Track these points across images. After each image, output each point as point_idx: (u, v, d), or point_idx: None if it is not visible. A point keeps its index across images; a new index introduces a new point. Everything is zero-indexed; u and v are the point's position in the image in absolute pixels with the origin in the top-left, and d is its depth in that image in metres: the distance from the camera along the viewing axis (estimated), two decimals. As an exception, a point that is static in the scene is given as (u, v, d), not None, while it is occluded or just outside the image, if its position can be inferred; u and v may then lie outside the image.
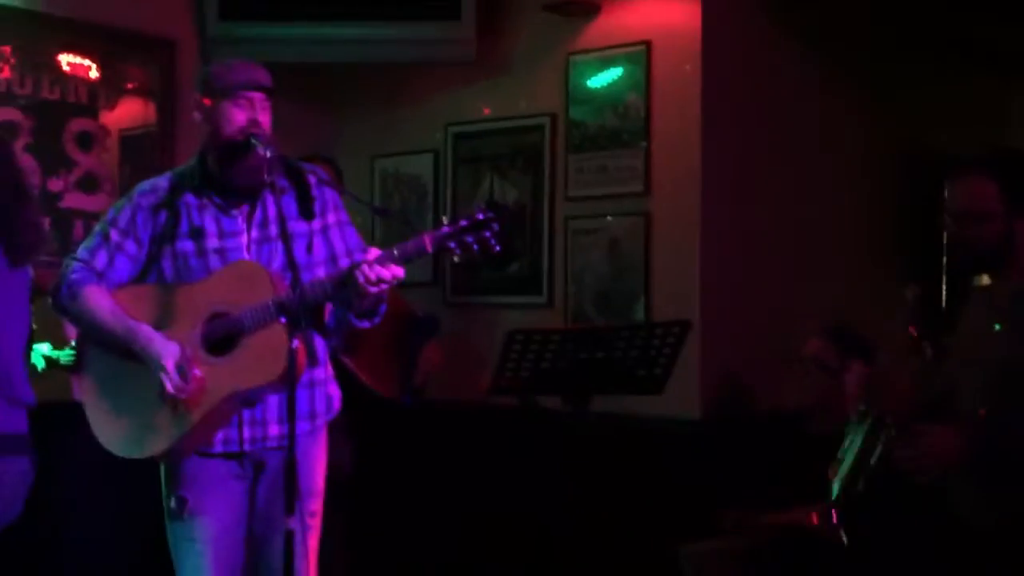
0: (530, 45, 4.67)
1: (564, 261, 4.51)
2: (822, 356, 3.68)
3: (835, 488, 3.38)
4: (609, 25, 4.44)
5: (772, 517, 3.60)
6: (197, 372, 2.81)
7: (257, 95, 2.92)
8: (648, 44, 4.32)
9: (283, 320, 2.78)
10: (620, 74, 4.39)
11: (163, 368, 2.79)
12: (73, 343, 3.17)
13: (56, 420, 3.00)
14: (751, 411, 4.27)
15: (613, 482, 3.98)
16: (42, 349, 3.35)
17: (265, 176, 2.80)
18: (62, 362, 3.35)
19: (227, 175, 2.94)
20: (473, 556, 4.43)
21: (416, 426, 4.51)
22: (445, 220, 2.89)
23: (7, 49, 4.21)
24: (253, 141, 2.84)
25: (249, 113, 2.90)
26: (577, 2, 4.43)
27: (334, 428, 3.41)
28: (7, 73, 4.21)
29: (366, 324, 3.08)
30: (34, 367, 3.26)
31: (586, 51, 4.48)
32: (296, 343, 2.61)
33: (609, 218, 4.39)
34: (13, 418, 2.78)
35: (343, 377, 3.51)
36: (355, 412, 4.00)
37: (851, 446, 3.38)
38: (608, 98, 4.40)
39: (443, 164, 4.90)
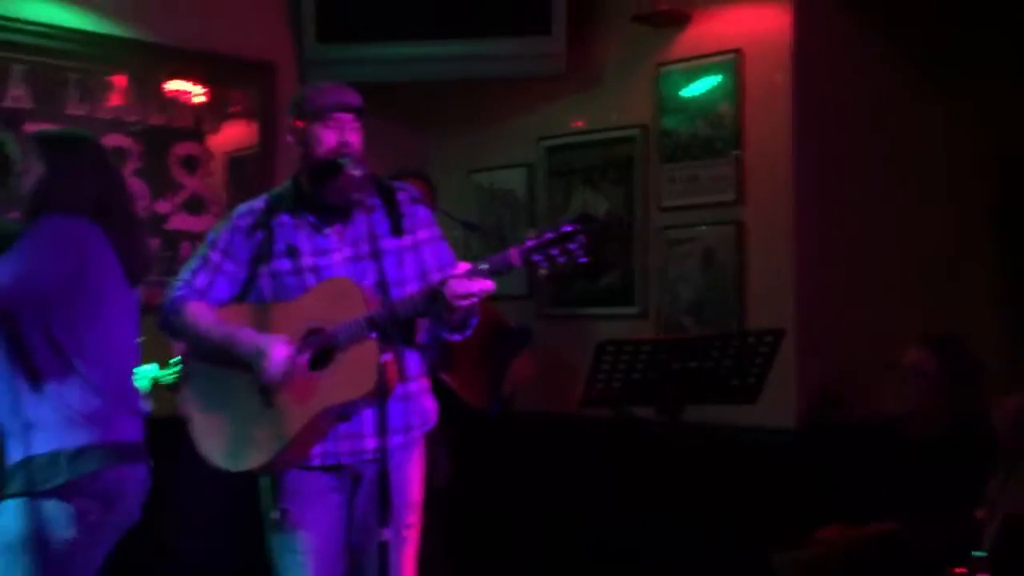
0: (620, 57, 4.67)
1: (657, 272, 4.49)
2: (922, 365, 3.60)
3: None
4: (699, 34, 4.42)
5: (871, 528, 3.54)
6: (300, 360, 2.86)
7: (347, 116, 2.98)
8: (739, 52, 4.28)
9: (374, 335, 2.84)
10: (711, 83, 4.36)
11: (266, 353, 2.84)
12: (178, 359, 3.28)
13: (166, 434, 3.09)
14: (847, 419, 4.19)
15: (707, 492, 3.94)
16: (148, 370, 3.46)
17: (354, 195, 2.85)
18: (167, 382, 3.45)
19: (319, 195, 3.01)
20: (569, 565, 4.43)
21: (513, 438, 4.54)
22: (532, 234, 2.92)
23: (122, 79, 4.36)
24: (342, 161, 2.90)
25: (339, 134, 2.96)
26: (667, 13, 4.41)
27: (431, 440, 3.46)
28: (119, 101, 4.36)
29: (457, 337, 3.11)
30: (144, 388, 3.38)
31: (676, 61, 4.47)
32: (387, 357, 2.65)
33: (702, 228, 4.36)
34: (132, 427, 2.89)
35: (439, 390, 3.55)
36: (452, 425, 4.06)
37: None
38: (699, 107, 4.38)
39: (536, 177, 4.93)
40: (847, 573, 3.49)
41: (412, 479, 3.11)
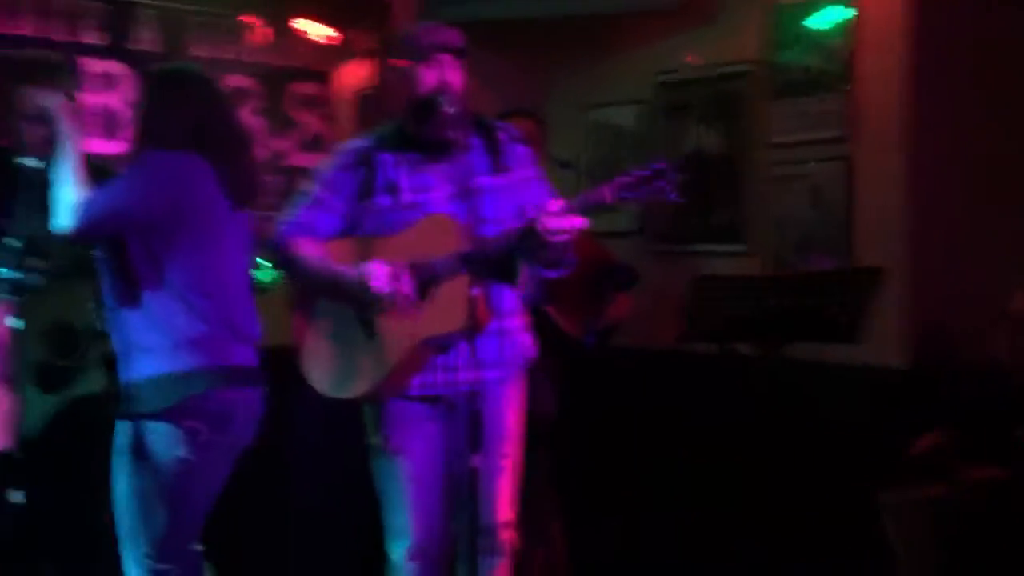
0: (735, -9, 4.60)
1: (766, 209, 4.44)
2: None
3: None
4: (815, -31, 4.32)
5: (976, 471, 3.48)
6: (407, 277, 2.92)
7: (446, 56, 3.01)
8: (854, -14, 4.18)
9: (464, 272, 2.91)
10: (825, 19, 4.25)
11: (371, 278, 2.91)
12: (262, 263, 3.41)
13: (285, 363, 3.21)
14: (956, 361, 4.09)
15: (811, 429, 3.92)
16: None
17: (451, 133, 2.90)
18: (264, 280, 3.53)
19: (419, 133, 3.07)
20: (669, 496, 4.46)
21: (622, 372, 4.58)
22: (628, 171, 2.93)
23: (242, 21, 4.49)
24: (438, 100, 2.95)
25: (439, 74, 3.01)
26: (783, -53, 4.33)
27: (537, 374, 3.52)
28: (239, 42, 4.48)
29: (553, 274, 3.14)
30: (262, 283, 3.50)
31: (792, -4, 4.37)
32: (476, 293, 2.70)
33: (811, 164, 4.29)
34: (241, 352, 2.99)
35: (544, 325, 3.61)
36: (558, 358, 4.12)
37: None
38: (811, 44, 4.29)
39: (650, 114, 4.90)
40: (950, 513, 3.45)
41: (508, 411, 3.17)
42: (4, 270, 2.75)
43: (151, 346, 2.90)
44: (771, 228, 4.42)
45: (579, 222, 2.86)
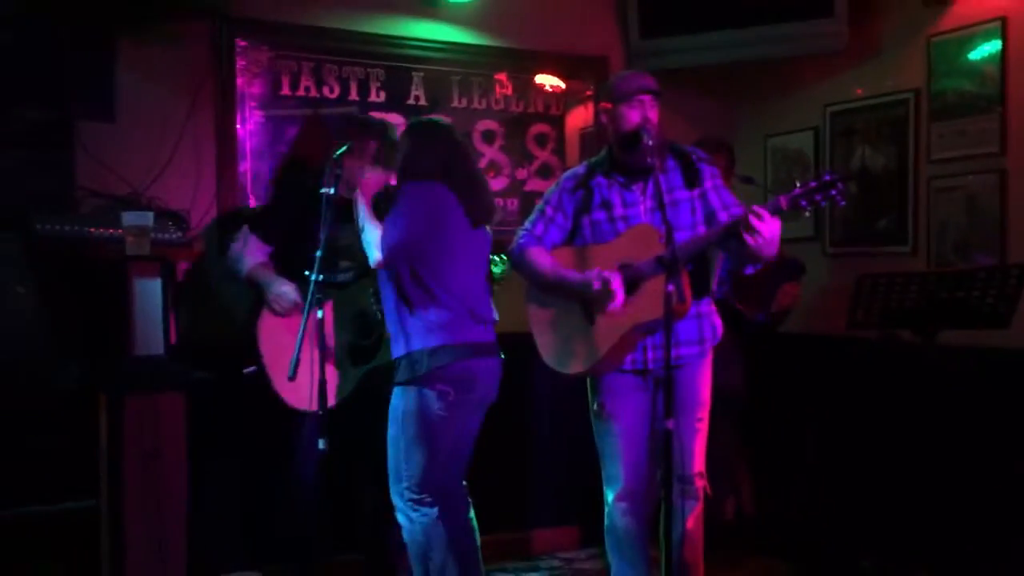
0: (895, 31, 4.35)
1: (927, 215, 4.20)
2: None
3: None
4: (967, 6, 4.04)
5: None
6: (616, 281, 2.97)
7: (646, 97, 3.04)
8: (1003, 20, 3.88)
9: (660, 271, 2.91)
10: (977, 49, 3.98)
11: (590, 284, 2.98)
12: (496, 260, 3.50)
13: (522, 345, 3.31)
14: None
15: (965, 410, 3.68)
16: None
17: (650, 159, 2.91)
18: (496, 274, 3.62)
19: (626, 160, 3.10)
20: (841, 458, 4.28)
21: (795, 353, 4.45)
22: (798, 183, 2.86)
23: (489, 78, 4.63)
24: (642, 134, 2.96)
25: (640, 112, 3.03)
26: (937, -10, 4.08)
27: (728, 354, 3.48)
28: (488, 95, 4.59)
29: (750, 269, 3.10)
30: (496, 274, 3.60)
31: (946, 32, 4.11)
32: (670, 288, 2.70)
33: (968, 176, 4.02)
34: (481, 331, 3.15)
35: (726, 309, 3.56)
36: (743, 339, 4.04)
37: None
38: (966, 71, 4.01)
39: (822, 139, 4.72)
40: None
41: (703, 382, 3.17)
42: (318, 275, 2.94)
43: (411, 330, 3.05)
44: (932, 232, 4.17)
45: (776, 224, 2.81)
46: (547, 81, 4.76)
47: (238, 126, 4.07)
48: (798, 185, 2.83)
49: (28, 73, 3.56)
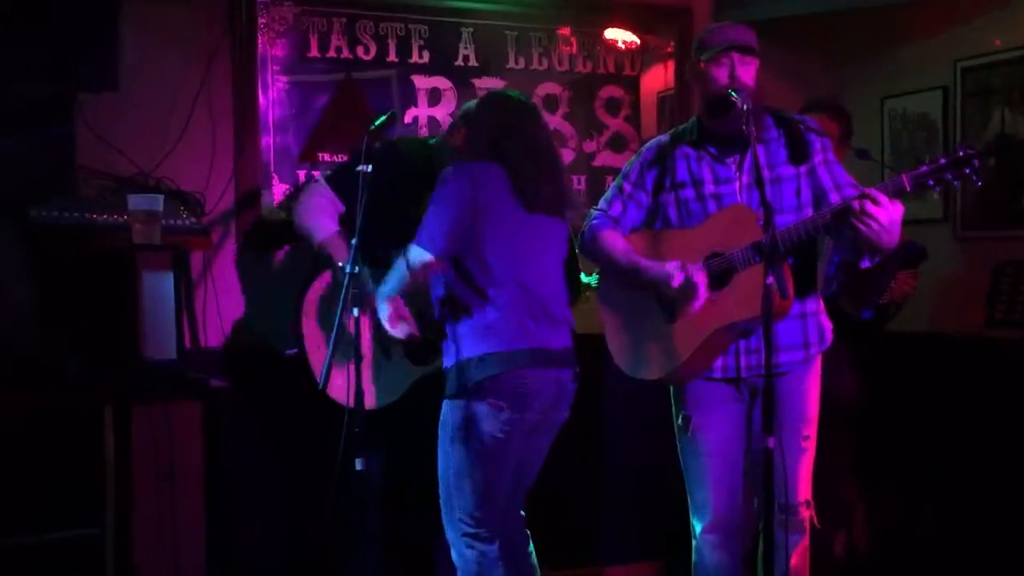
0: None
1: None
2: None
3: None
4: None
5: None
6: (702, 280, 2.96)
7: (735, 54, 3.00)
8: None
9: (758, 260, 2.88)
10: None
11: (670, 283, 2.98)
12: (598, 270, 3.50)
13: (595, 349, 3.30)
14: None
15: None
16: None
17: (745, 127, 2.88)
18: (592, 284, 3.63)
19: (716, 128, 3.08)
20: (974, 483, 4.21)
21: (921, 357, 4.37)
22: (926, 159, 2.81)
23: (552, 33, 4.61)
24: (732, 96, 2.93)
25: (728, 70, 2.99)
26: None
27: (838, 359, 3.43)
28: (550, 54, 4.59)
29: (866, 263, 3.05)
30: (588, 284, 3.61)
31: (1105, -31, 4.02)
32: (770, 280, 2.66)
33: None
34: (545, 335, 3.12)
35: (839, 312, 3.50)
36: (858, 343, 3.97)
37: None
38: None
39: (952, 100, 4.64)
40: None
41: (810, 394, 3.12)
42: (354, 268, 2.95)
43: (461, 334, 3.07)
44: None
45: (898, 209, 2.77)
46: (619, 36, 4.74)
47: (259, 94, 4.11)
48: (925, 161, 2.78)
49: (19, 38, 3.62)
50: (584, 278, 3.68)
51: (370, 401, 3.29)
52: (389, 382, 3.42)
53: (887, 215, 2.77)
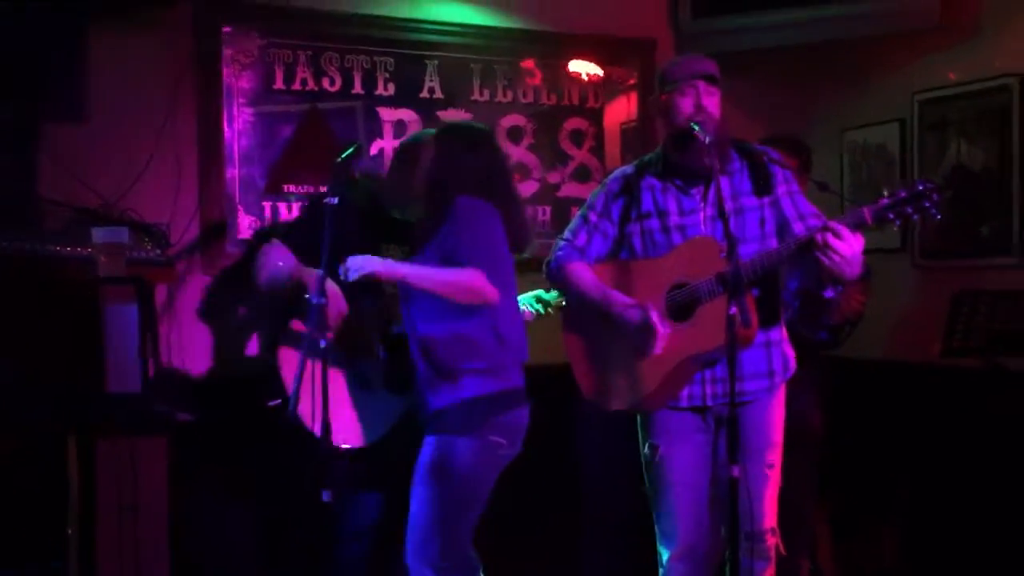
0: (995, 5, 4.36)
1: (1036, 221, 4.19)
2: None
3: None
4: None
5: None
6: (662, 330, 2.99)
7: (700, 83, 3.04)
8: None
9: (721, 290, 2.92)
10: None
11: (630, 327, 3.01)
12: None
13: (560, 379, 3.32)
14: None
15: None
16: (532, 293, 3.65)
17: (707, 159, 2.92)
18: (552, 300, 3.65)
19: (680, 159, 3.12)
20: (935, 508, 4.26)
21: (880, 384, 4.44)
22: (885, 192, 2.87)
23: (516, 66, 4.66)
24: (695, 128, 2.98)
25: (694, 101, 3.04)
26: (1044, -44, 4.09)
27: (799, 386, 3.47)
28: (514, 86, 4.64)
29: (830, 293, 3.10)
30: (536, 311, 3.63)
31: (1056, 5, 4.13)
32: (732, 311, 2.70)
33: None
34: (522, 374, 3.15)
35: (799, 338, 3.54)
36: (820, 371, 4.02)
37: None
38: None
39: (909, 132, 4.73)
40: None
41: (774, 421, 3.16)
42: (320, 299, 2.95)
43: (467, 372, 3.05)
44: (1042, 241, 4.16)
45: (859, 241, 2.82)
46: (583, 69, 4.80)
47: (224, 126, 4.13)
48: (885, 194, 2.84)
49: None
50: (544, 295, 3.69)
51: (356, 439, 3.28)
52: (374, 417, 3.41)
53: (849, 247, 2.82)
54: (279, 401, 3.39)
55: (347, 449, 3.25)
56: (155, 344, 3.76)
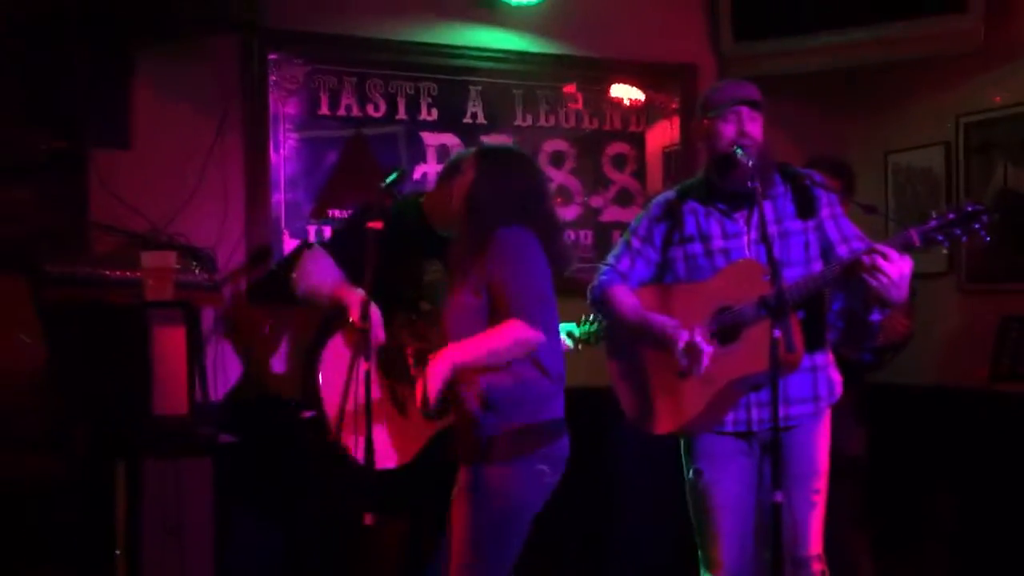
0: (1041, 27, 4.36)
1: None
2: None
3: None
4: None
5: None
6: (707, 348, 2.97)
7: (743, 108, 3.05)
8: None
9: (764, 313, 2.91)
10: None
11: (675, 347, 3.00)
12: (590, 317, 3.50)
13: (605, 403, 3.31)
14: None
15: None
16: (565, 327, 3.62)
17: (750, 183, 2.92)
18: (582, 336, 3.65)
19: (724, 184, 3.12)
20: (981, 536, 4.20)
21: (926, 409, 4.39)
22: (934, 214, 2.85)
23: (560, 91, 4.69)
24: (738, 152, 2.98)
25: (736, 126, 3.04)
26: (1091, -22, 4.06)
27: (843, 412, 3.44)
28: (557, 111, 4.67)
29: (876, 316, 3.07)
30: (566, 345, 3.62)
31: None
32: (776, 334, 2.67)
33: None
34: (563, 403, 3.08)
35: (846, 363, 3.51)
36: (862, 395, 3.98)
37: None
38: None
39: (954, 155, 4.69)
40: None
41: (819, 447, 3.13)
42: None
43: (510, 400, 3.02)
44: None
45: (907, 264, 2.80)
46: (625, 94, 4.82)
47: (271, 151, 4.19)
48: (934, 216, 2.82)
49: (34, 93, 3.69)
50: (574, 330, 3.68)
51: (390, 461, 3.28)
52: (404, 441, 3.40)
53: (897, 270, 2.80)
54: (314, 412, 3.39)
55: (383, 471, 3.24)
56: (202, 367, 3.80)
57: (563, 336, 3.63)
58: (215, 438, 3.48)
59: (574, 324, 3.66)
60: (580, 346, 3.66)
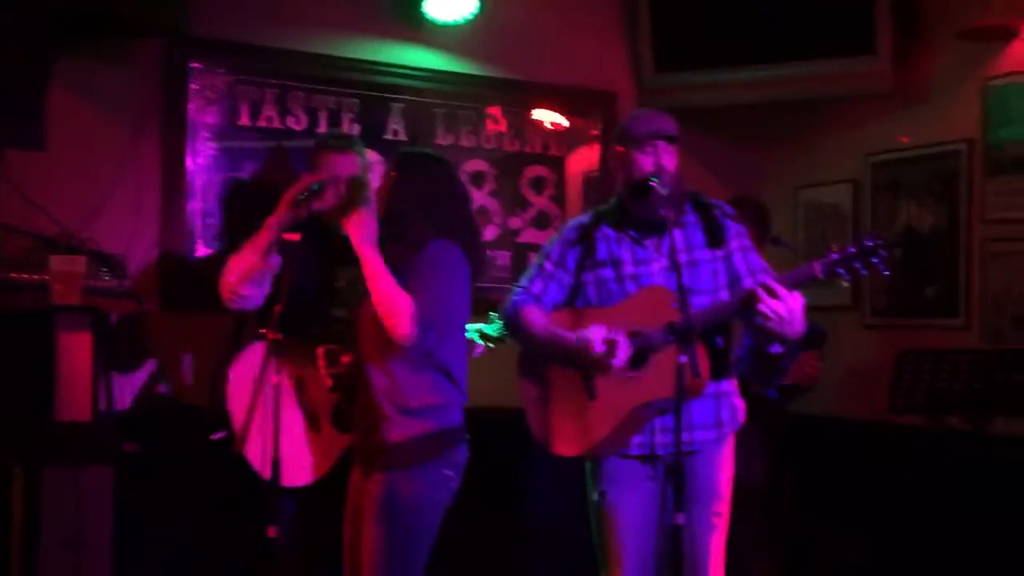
0: (946, 73, 4.49)
1: (980, 284, 4.28)
2: None
3: None
4: (1028, 47, 4.19)
5: None
6: (623, 341, 2.99)
7: (660, 143, 3.10)
8: (1071, 63, 4.03)
9: (671, 339, 2.96)
10: (1041, 96, 4.11)
11: (590, 342, 2.98)
12: (496, 314, 3.50)
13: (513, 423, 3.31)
14: None
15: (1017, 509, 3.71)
16: (474, 327, 3.63)
17: (663, 211, 2.97)
18: (491, 333, 3.66)
19: (637, 211, 3.16)
20: (882, 564, 4.30)
21: (828, 439, 4.48)
22: (834, 248, 2.93)
23: (480, 112, 4.72)
24: (652, 183, 3.03)
25: (654, 159, 3.10)
26: (994, 27, 4.20)
27: (748, 443, 3.50)
28: (477, 131, 4.70)
29: (776, 349, 3.13)
30: (478, 344, 3.63)
31: (1004, 75, 4.24)
32: (682, 360, 2.73)
33: (1030, 240, 4.12)
34: (462, 412, 3.13)
35: (749, 393, 3.58)
36: (763, 424, 4.05)
37: None
38: (1027, 121, 4.15)
39: (862, 193, 4.83)
40: None
41: (722, 472, 3.17)
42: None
43: (421, 407, 3.02)
44: (987, 303, 4.25)
45: (796, 301, 2.86)
46: (546, 117, 4.86)
47: (188, 159, 4.14)
48: (834, 250, 2.89)
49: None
50: (486, 328, 3.69)
51: (303, 478, 3.25)
52: (319, 455, 3.37)
53: (785, 307, 2.86)
54: (223, 434, 3.35)
55: (293, 488, 3.22)
56: (108, 374, 3.73)
57: (475, 336, 3.65)
58: (118, 446, 3.41)
59: (485, 324, 3.67)
60: (492, 344, 3.67)
